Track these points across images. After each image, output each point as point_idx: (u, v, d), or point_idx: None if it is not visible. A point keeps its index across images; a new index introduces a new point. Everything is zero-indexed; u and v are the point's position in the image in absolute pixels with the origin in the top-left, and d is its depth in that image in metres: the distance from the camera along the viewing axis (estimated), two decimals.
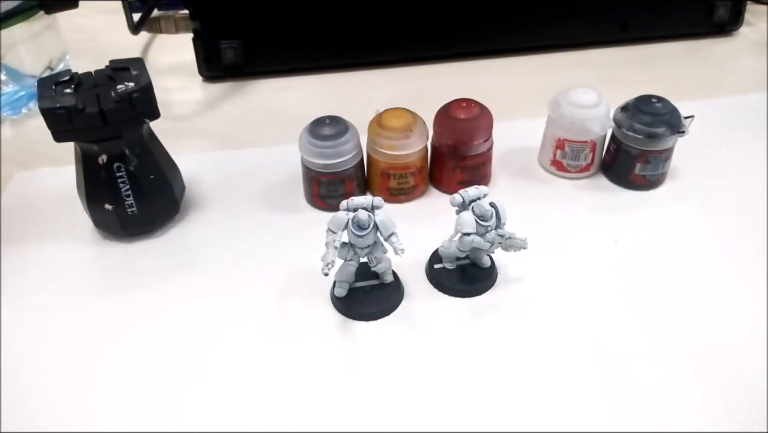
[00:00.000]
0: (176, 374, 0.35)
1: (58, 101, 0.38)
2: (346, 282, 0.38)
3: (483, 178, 0.47)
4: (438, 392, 0.34)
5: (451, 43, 0.65)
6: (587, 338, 0.36)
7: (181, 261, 0.43)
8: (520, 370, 0.35)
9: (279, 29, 0.61)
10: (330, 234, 0.36)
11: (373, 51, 0.64)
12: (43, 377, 0.35)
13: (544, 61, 0.66)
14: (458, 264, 0.40)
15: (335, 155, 0.44)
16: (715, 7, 0.67)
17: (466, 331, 0.37)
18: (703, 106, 0.51)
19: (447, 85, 0.61)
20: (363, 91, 0.61)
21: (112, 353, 0.37)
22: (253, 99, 0.61)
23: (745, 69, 0.64)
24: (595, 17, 0.65)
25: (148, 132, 0.42)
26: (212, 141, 0.55)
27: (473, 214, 0.37)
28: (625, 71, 0.63)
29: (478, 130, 0.45)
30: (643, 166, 0.46)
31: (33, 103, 0.59)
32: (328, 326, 0.38)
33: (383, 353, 0.36)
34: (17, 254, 0.43)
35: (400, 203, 0.47)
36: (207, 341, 0.37)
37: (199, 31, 0.60)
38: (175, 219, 0.46)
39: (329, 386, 0.34)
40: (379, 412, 0.33)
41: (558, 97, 0.47)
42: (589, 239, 0.43)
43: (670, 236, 0.43)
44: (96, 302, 0.40)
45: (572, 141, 0.47)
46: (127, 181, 0.41)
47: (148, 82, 0.40)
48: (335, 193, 0.45)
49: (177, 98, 0.61)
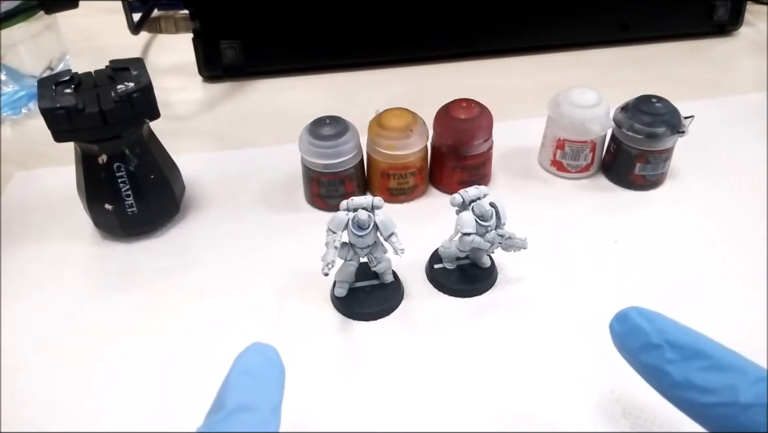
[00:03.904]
0: (176, 373, 0.35)
1: (58, 101, 0.38)
2: (346, 282, 0.38)
3: (483, 178, 0.47)
4: (438, 392, 0.34)
5: (451, 43, 0.65)
6: (587, 337, 0.36)
7: (181, 261, 0.43)
8: (520, 370, 0.35)
9: (279, 29, 0.61)
10: (330, 234, 0.36)
11: (373, 51, 0.64)
12: (43, 377, 0.35)
13: (544, 61, 0.66)
14: (458, 264, 0.40)
15: (335, 155, 0.44)
16: (715, 7, 0.67)
17: (466, 331, 0.37)
18: (703, 106, 0.51)
19: (447, 85, 0.61)
20: (363, 91, 0.61)
21: (111, 353, 0.37)
22: (253, 99, 0.61)
23: (745, 69, 0.64)
24: (595, 17, 0.65)
25: (148, 132, 0.42)
26: (212, 141, 0.55)
27: (473, 214, 0.37)
28: (625, 71, 0.64)
29: (478, 130, 0.45)
30: (643, 166, 0.46)
31: (33, 103, 0.59)
32: (328, 326, 0.38)
33: (383, 353, 0.36)
34: (17, 254, 0.43)
35: (400, 203, 0.47)
36: (207, 340, 0.37)
37: (199, 31, 0.60)
38: (175, 219, 0.46)
39: (329, 386, 0.34)
40: (379, 412, 0.33)
41: (558, 97, 0.47)
42: (589, 239, 0.43)
43: (670, 236, 0.43)
44: (96, 302, 0.40)
45: (572, 141, 0.47)
46: (127, 181, 0.41)
47: (148, 82, 0.40)
48: (335, 193, 0.45)
49: (177, 98, 0.61)
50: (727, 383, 0.23)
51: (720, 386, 0.23)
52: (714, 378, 0.23)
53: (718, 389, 0.23)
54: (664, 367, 0.24)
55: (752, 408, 0.22)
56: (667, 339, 0.25)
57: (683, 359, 0.24)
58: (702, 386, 0.23)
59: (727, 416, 0.22)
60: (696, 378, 0.23)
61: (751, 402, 0.22)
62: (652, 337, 0.25)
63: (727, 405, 0.22)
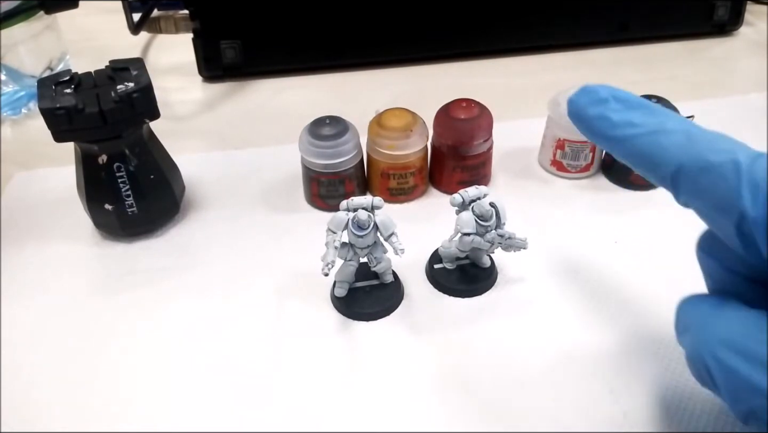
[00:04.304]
0: (176, 373, 0.35)
1: (58, 101, 0.38)
2: (346, 282, 0.38)
3: (483, 178, 0.47)
4: (438, 392, 0.34)
5: (451, 43, 0.65)
6: (587, 337, 0.36)
7: (181, 261, 0.43)
8: (520, 370, 0.35)
9: (279, 29, 0.61)
10: (330, 234, 0.36)
11: (373, 51, 0.64)
12: (43, 377, 0.35)
13: (544, 61, 0.66)
14: (458, 264, 0.40)
15: (335, 155, 0.44)
16: (715, 7, 0.67)
17: (466, 331, 0.37)
18: (703, 106, 0.51)
19: (447, 85, 0.61)
20: (363, 91, 0.61)
21: (111, 353, 0.37)
22: (253, 99, 0.61)
23: (745, 69, 0.64)
24: (595, 17, 0.65)
25: (148, 132, 0.42)
26: (212, 141, 0.55)
27: (473, 214, 0.37)
28: (625, 71, 0.64)
29: (478, 130, 0.45)
30: None
31: (33, 103, 0.59)
32: (328, 326, 0.38)
33: (383, 353, 0.36)
34: (17, 254, 0.43)
35: (400, 203, 0.47)
36: (207, 340, 0.37)
37: (199, 31, 0.60)
38: (175, 219, 0.46)
39: (329, 386, 0.34)
40: (379, 412, 0.33)
41: (558, 97, 0.47)
42: (589, 239, 0.43)
43: (670, 236, 0.43)
44: (96, 302, 0.40)
45: (572, 141, 0.47)
46: (127, 181, 0.41)
47: (148, 82, 0.40)
48: (335, 193, 0.45)
49: (177, 98, 0.61)
50: (658, 120, 0.27)
51: (652, 122, 0.27)
52: (649, 120, 0.27)
53: (650, 123, 0.27)
54: (607, 114, 0.27)
55: (675, 133, 0.26)
56: (615, 95, 0.28)
57: (625, 108, 0.27)
58: (637, 123, 0.27)
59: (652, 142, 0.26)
60: (633, 118, 0.27)
61: (674, 129, 0.26)
62: (602, 93, 0.28)
63: (655, 132, 0.26)
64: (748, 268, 0.26)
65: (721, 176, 0.24)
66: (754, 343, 0.23)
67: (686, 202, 0.26)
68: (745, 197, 0.23)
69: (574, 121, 0.29)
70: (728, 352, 0.24)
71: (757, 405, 0.23)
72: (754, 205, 0.23)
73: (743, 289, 0.27)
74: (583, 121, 0.29)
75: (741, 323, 0.25)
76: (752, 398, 0.23)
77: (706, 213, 0.26)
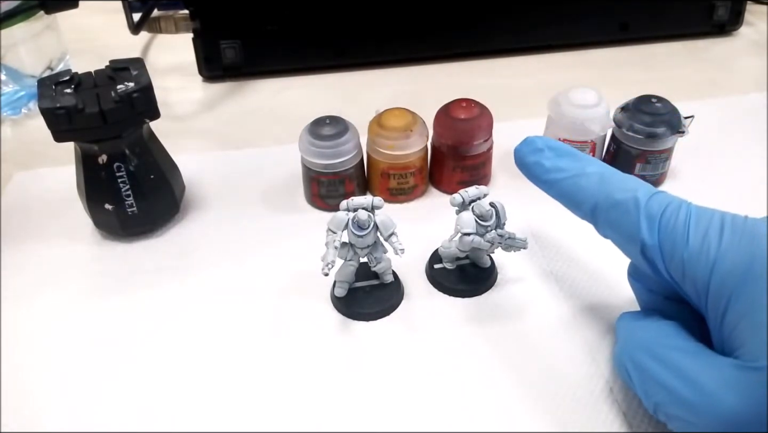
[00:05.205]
0: (176, 373, 0.35)
1: (58, 101, 0.38)
2: (346, 282, 0.38)
3: (483, 178, 0.47)
4: (438, 392, 0.34)
5: (451, 43, 0.65)
6: (587, 337, 0.36)
7: (181, 261, 0.43)
8: (520, 370, 0.35)
9: (279, 29, 0.61)
10: (330, 234, 0.36)
11: (373, 51, 0.64)
12: (43, 377, 0.35)
13: (544, 61, 0.66)
14: (458, 264, 0.40)
15: (335, 155, 0.44)
16: (715, 7, 0.67)
17: (466, 331, 0.37)
18: (703, 106, 0.51)
19: (447, 85, 0.61)
20: (363, 91, 0.61)
21: (111, 353, 0.37)
22: (253, 99, 0.61)
23: (745, 69, 0.64)
24: (595, 17, 0.65)
25: (148, 132, 0.42)
26: (212, 141, 0.55)
27: (473, 214, 0.37)
28: (625, 71, 0.64)
29: (478, 130, 0.45)
30: (643, 166, 0.46)
31: (33, 103, 0.59)
32: (328, 326, 0.38)
33: (383, 353, 0.36)
34: (17, 254, 0.43)
35: (400, 203, 0.47)
36: (207, 340, 0.37)
37: (199, 31, 0.60)
38: (175, 219, 0.46)
39: (329, 386, 0.34)
40: (379, 412, 0.33)
41: (558, 97, 0.47)
42: (590, 239, 0.43)
43: None
44: (96, 302, 0.40)
45: (572, 141, 0.47)
46: (127, 181, 0.41)
47: (148, 82, 0.40)
48: (335, 193, 0.45)
49: (177, 98, 0.61)
50: (581, 165, 0.32)
51: (575, 167, 0.32)
52: (573, 165, 0.32)
53: (573, 168, 0.32)
54: (541, 161, 0.33)
55: (592, 176, 0.31)
56: (549, 145, 0.33)
57: (556, 156, 0.32)
58: (563, 168, 0.32)
59: (574, 184, 0.31)
60: (561, 164, 0.32)
61: (592, 172, 0.31)
62: (539, 144, 0.33)
63: (577, 176, 0.31)
64: (663, 288, 0.31)
65: (625, 211, 0.29)
66: (662, 348, 0.28)
67: (605, 234, 0.31)
68: (644, 228, 0.28)
69: (518, 167, 0.34)
70: (642, 355, 0.28)
71: (660, 399, 0.27)
72: (650, 234, 0.28)
73: (663, 306, 0.31)
74: (524, 167, 0.34)
75: (655, 332, 0.29)
76: (658, 393, 0.27)
77: (619, 243, 0.31)
